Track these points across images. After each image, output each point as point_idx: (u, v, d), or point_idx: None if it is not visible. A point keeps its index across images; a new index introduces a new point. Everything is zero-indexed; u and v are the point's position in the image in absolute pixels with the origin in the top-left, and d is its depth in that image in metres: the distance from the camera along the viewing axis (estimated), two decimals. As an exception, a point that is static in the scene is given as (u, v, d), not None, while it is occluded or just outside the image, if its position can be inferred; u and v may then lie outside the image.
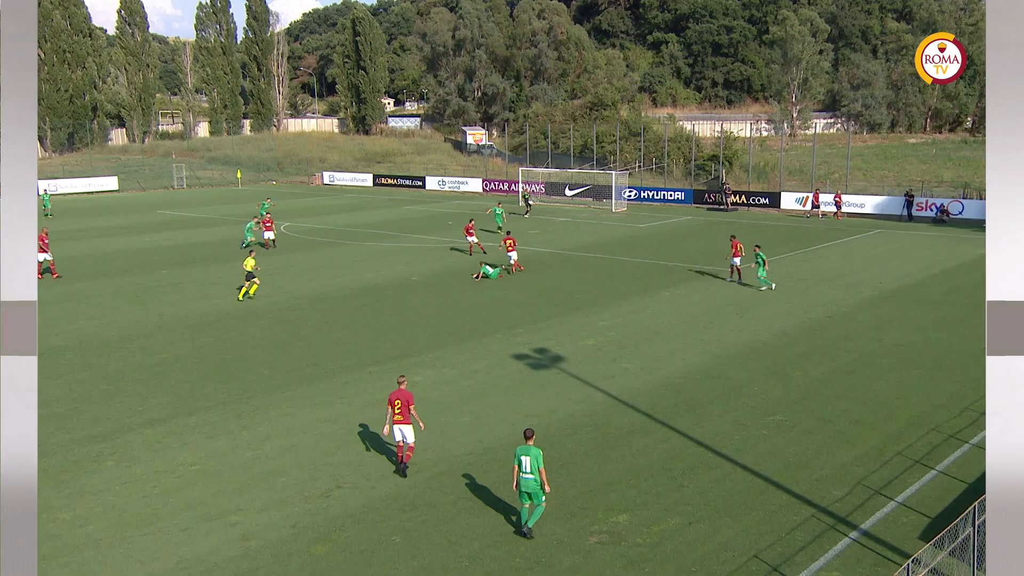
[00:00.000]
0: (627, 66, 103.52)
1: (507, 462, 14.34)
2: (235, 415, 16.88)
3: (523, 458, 11.92)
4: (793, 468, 14.20)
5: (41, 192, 41.64)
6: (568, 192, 54.39)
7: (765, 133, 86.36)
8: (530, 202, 53.80)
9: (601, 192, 58.69)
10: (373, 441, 15.47)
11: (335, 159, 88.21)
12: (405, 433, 14.07)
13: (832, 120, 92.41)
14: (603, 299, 27.11)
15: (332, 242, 40.72)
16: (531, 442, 12.04)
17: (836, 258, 35.09)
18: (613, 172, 57.52)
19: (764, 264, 28.09)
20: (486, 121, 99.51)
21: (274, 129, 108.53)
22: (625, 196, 57.35)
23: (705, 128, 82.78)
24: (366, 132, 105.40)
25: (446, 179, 71.30)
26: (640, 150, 66.79)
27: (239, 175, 78.02)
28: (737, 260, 29.31)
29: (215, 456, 14.90)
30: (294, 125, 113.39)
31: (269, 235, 38.23)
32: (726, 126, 69.23)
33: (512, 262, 31.90)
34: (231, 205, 58.96)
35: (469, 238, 36.67)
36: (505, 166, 74.59)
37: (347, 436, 15.75)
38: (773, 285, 28.13)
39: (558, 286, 29.36)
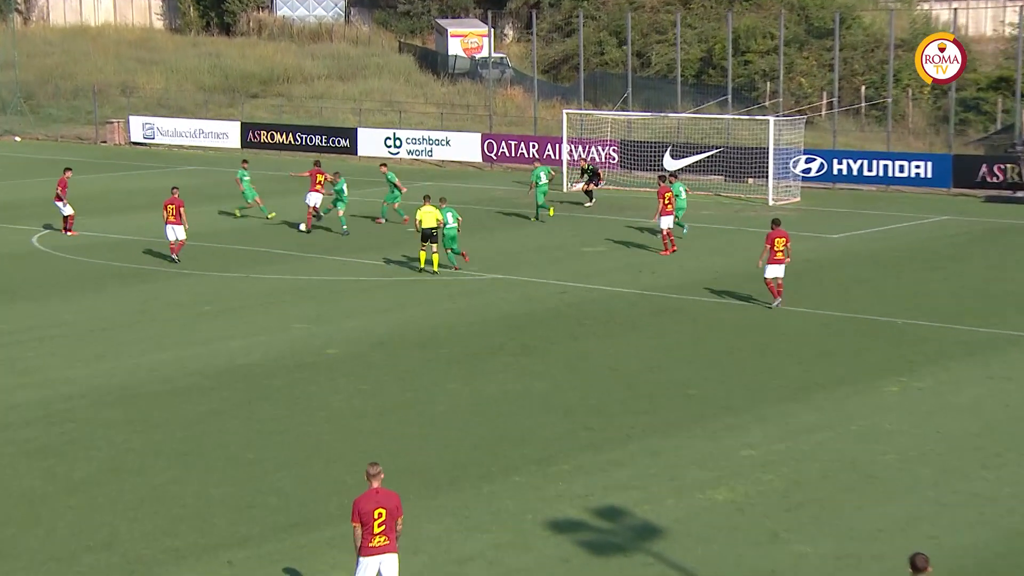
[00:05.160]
0: None
1: None
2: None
3: None
4: None
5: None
6: (670, 163, 54.44)
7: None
8: (594, 183, 54.10)
9: (743, 162, 58.93)
10: None
11: (156, 88, 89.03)
12: (388, 570, 16.27)
13: None
14: (748, 399, 27.04)
15: (150, 271, 41.03)
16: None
17: None
18: (771, 118, 57.66)
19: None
20: (492, 8, 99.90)
21: (18, 18, 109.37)
22: (798, 171, 57.46)
23: (981, 20, 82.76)
24: (226, 31, 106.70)
25: (402, 134, 71.95)
26: (833, 70, 66.85)
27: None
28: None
29: None
30: (63, 12, 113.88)
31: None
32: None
33: (663, 231, 42.19)
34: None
35: (310, 196, 43.72)
36: (533, 104, 74.92)
37: None
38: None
39: (648, 369, 29.38)
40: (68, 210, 46.43)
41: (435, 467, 23.08)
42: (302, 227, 46.82)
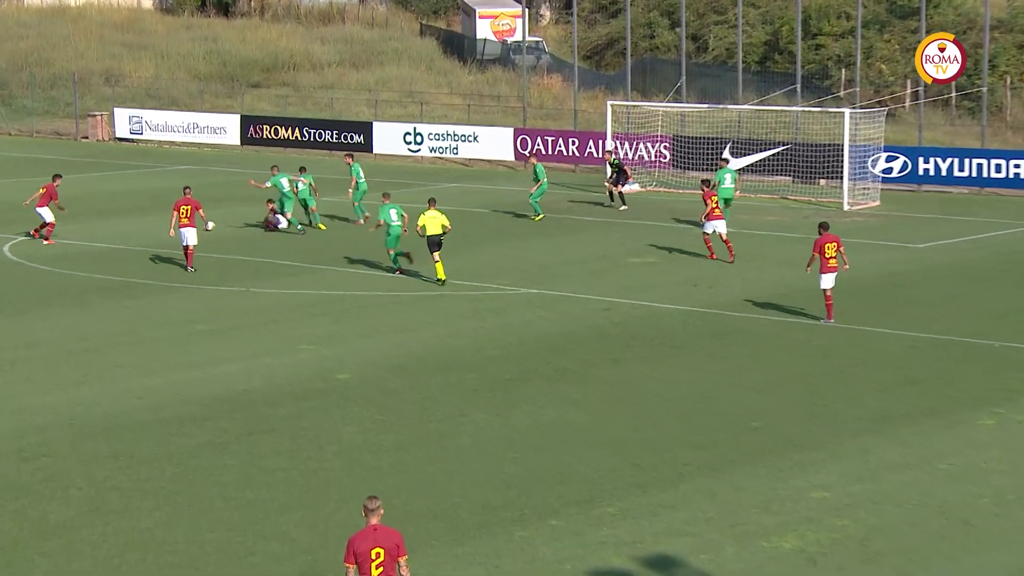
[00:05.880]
0: None
1: None
2: None
3: None
4: None
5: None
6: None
7: None
8: (624, 184, 54.27)
9: (814, 161, 58.80)
10: None
11: (145, 77, 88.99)
12: None
13: None
14: (820, 432, 26.89)
15: (138, 284, 41.16)
16: None
17: None
18: (846, 111, 57.47)
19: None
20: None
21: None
22: (878, 171, 57.28)
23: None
24: (224, 12, 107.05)
25: (424, 129, 71.98)
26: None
27: None
28: None
29: None
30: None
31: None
32: None
33: (706, 235, 42.78)
34: None
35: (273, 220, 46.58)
36: (572, 94, 74.91)
37: None
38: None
39: (704, 397, 29.29)
40: (50, 216, 46.73)
41: (461, 509, 22.98)
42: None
